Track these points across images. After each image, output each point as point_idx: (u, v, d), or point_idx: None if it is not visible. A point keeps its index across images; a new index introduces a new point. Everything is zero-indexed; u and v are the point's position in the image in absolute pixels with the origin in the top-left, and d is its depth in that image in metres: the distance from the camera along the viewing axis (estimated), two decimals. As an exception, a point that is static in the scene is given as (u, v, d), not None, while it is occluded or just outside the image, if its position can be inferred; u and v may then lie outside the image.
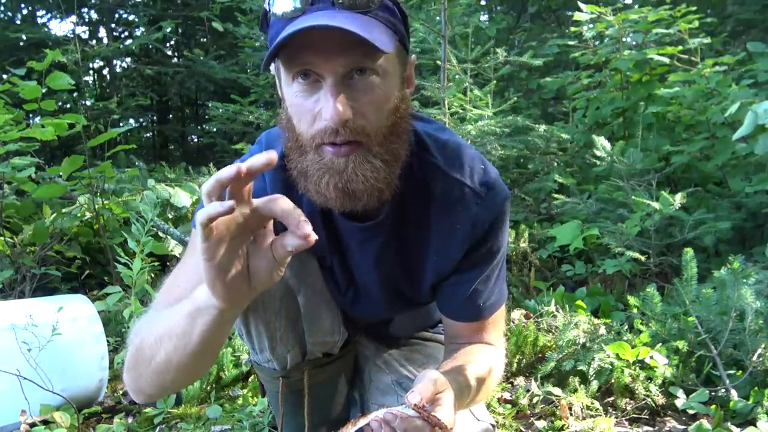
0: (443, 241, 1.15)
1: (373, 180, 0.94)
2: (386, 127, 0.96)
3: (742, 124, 2.33)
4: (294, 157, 0.98)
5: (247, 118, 4.92)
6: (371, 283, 1.23)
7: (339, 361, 1.40)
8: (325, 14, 0.88)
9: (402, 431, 0.88)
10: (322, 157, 0.93)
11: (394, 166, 0.98)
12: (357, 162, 0.92)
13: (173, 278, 1.18)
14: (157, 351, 0.93)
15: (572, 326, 2.07)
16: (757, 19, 5.39)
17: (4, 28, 6.72)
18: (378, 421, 0.90)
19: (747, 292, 1.90)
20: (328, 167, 0.93)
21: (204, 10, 6.51)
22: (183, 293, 1.04)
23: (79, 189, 3.08)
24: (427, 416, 0.89)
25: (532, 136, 3.73)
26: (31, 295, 2.73)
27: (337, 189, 0.94)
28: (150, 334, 0.96)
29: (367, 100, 0.92)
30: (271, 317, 1.22)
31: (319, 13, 0.88)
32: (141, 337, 0.98)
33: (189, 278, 1.10)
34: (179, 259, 1.22)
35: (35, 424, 1.77)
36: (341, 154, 0.92)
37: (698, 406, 1.83)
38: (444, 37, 3.27)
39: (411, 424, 0.88)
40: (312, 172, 0.95)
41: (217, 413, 1.92)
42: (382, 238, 1.13)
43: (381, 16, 0.92)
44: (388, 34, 0.92)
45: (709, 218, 2.76)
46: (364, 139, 0.93)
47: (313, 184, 0.95)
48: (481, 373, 1.14)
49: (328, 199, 0.96)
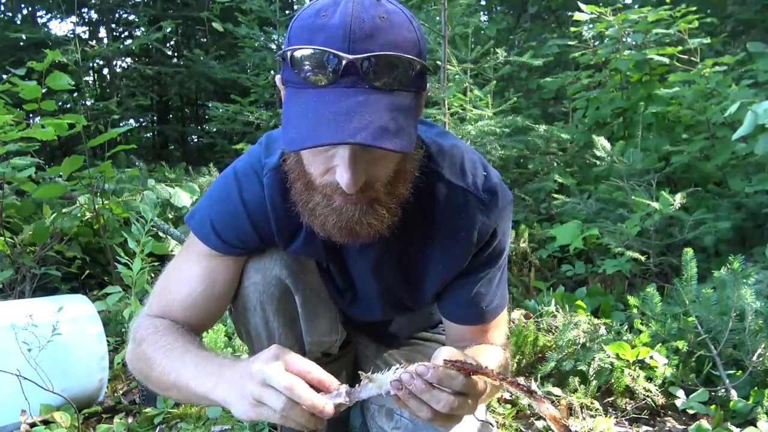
0: (447, 249, 1.15)
1: (377, 226, 0.99)
2: (394, 176, 0.97)
3: (742, 124, 2.33)
4: (300, 189, 0.99)
5: (247, 118, 4.92)
6: (369, 288, 1.23)
7: (338, 361, 1.40)
8: (354, 93, 0.86)
9: (436, 380, 0.88)
10: (331, 202, 0.96)
11: (397, 207, 1.01)
12: (364, 210, 0.96)
13: (166, 281, 1.21)
14: (164, 386, 1.11)
15: (572, 326, 2.07)
16: (757, 19, 5.39)
17: (4, 28, 6.71)
18: (410, 373, 0.89)
19: (747, 292, 1.90)
20: (336, 212, 0.96)
21: (204, 10, 6.51)
22: (175, 303, 1.18)
23: (79, 189, 3.08)
24: (461, 365, 0.88)
25: (532, 136, 3.74)
26: (31, 295, 2.73)
27: (341, 230, 0.98)
28: (158, 368, 1.09)
29: (383, 166, 0.94)
30: (270, 317, 1.23)
31: (347, 90, 0.87)
32: (147, 358, 1.12)
33: (180, 288, 1.18)
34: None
35: (35, 424, 1.77)
36: (350, 201, 0.95)
37: (698, 406, 1.83)
38: (444, 37, 3.27)
39: (446, 373, 0.88)
40: (319, 211, 0.98)
41: (217, 413, 1.92)
42: (383, 244, 1.13)
43: (408, 84, 0.91)
44: (412, 117, 0.91)
45: (709, 218, 2.76)
46: (374, 194, 0.96)
47: (319, 222, 0.99)
48: (492, 360, 1.13)
49: (331, 235, 1.00)
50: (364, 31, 0.86)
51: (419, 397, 0.89)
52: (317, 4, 0.91)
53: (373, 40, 0.87)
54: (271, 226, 1.11)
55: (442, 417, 0.91)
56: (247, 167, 1.12)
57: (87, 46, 6.29)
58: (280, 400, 0.89)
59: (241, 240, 1.13)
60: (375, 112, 0.85)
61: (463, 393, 0.90)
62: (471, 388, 0.90)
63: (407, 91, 0.91)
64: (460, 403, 0.90)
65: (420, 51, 0.93)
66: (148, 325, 1.15)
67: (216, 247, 1.14)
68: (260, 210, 1.10)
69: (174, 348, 1.09)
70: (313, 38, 0.88)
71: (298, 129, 0.86)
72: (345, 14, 0.87)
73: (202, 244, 1.15)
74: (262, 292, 1.20)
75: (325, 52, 0.86)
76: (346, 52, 0.86)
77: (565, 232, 2.99)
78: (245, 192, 1.11)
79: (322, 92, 0.88)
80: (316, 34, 0.88)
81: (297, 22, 0.92)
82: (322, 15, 0.88)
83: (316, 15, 0.89)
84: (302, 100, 0.89)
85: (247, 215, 1.11)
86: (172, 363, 1.07)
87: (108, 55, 6.55)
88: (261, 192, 1.10)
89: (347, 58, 0.85)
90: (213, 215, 1.13)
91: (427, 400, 0.89)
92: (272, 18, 5.10)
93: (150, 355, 1.10)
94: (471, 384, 0.90)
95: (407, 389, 0.89)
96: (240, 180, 1.12)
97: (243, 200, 1.11)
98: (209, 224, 1.13)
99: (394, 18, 0.90)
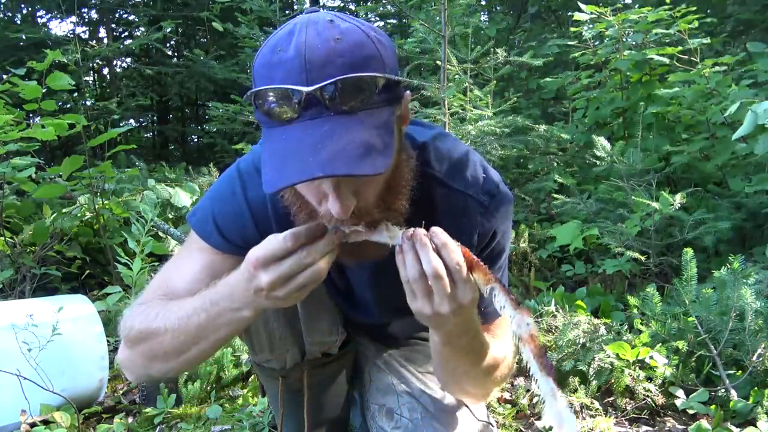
0: None
1: (372, 244, 0.97)
2: (387, 191, 0.97)
3: (742, 124, 2.33)
4: (304, 219, 0.98)
5: (248, 118, 4.92)
6: (367, 295, 1.24)
7: (338, 361, 1.40)
8: (318, 124, 0.85)
9: (440, 243, 0.89)
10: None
11: (399, 221, 1.00)
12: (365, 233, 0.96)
13: (164, 277, 1.20)
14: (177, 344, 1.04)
15: (572, 326, 2.07)
16: (757, 19, 5.39)
17: (4, 28, 6.72)
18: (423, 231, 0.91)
19: (747, 292, 1.90)
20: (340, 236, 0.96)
21: (204, 10, 6.51)
22: (172, 297, 1.12)
23: (79, 189, 3.08)
24: (470, 258, 0.91)
25: (532, 136, 3.73)
26: (31, 295, 2.73)
27: (348, 254, 0.99)
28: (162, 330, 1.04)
29: (372, 186, 0.94)
30: (270, 318, 1.23)
31: (312, 123, 0.85)
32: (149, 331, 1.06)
33: (178, 283, 1.15)
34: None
35: (35, 424, 1.77)
36: (344, 223, 0.94)
37: (698, 406, 1.83)
38: (444, 37, 3.27)
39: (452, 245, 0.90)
40: None
41: (217, 413, 1.92)
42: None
43: (375, 101, 0.88)
44: (387, 132, 0.89)
45: (709, 218, 2.76)
46: (371, 217, 0.95)
47: None
48: (493, 351, 1.13)
49: (339, 257, 0.99)
50: (320, 58, 0.84)
51: (417, 254, 0.89)
52: (274, 39, 0.90)
53: (331, 65, 0.84)
54: (272, 227, 1.11)
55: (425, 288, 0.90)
56: (250, 167, 1.12)
57: (87, 46, 6.29)
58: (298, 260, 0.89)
59: (244, 239, 1.13)
60: (343, 138, 0.84)
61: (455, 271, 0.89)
62: (464, 277, 0.90)
63: (377, 107, 0.89)
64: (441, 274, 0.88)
65: (383, 65, 0.89)
66: (138, 310, 1.12)
67: (217, 244, 1.13)
68: (263, 210, 1.11)
69: (167, 306, 1.07)
70: (272, 76, 0.86)
71: (270, 169, 0.86)
72: (299, 45, 0.85)
73: (203, 241, 1.14)
74: None
75: (283, 89, 0.85)
76: (303, 84, 0.84)
77: (565, 232, 2.99)
78: (249, 191, 1.11)
79: (289, 128, 0.87)
80: (274, 71, 0.86)
81: (258, 60, 0.91)
82: (278, 50, 0.87)
83: (272, 51, 0.88)
84: (272, 139, 0.89)
85: (251, 215, 1.11)
86: (170, 314, 1.04)
87: (108, 55, 6.55)
88: (264, 192, 1.10)
89: (306, 91, 0.84)
90: (216, 213, 1.13)
91: (421, 257, 0.89)
92: (272, 18, 5.10)
93: (146, 326, 1.06)
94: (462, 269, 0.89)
95: (412, 242, 0.89)
96: (244, 179, 1.12)
97: (247, 199, 1.11)
98: (212, 222, 1.12)
99: (349, 37, 0.87)
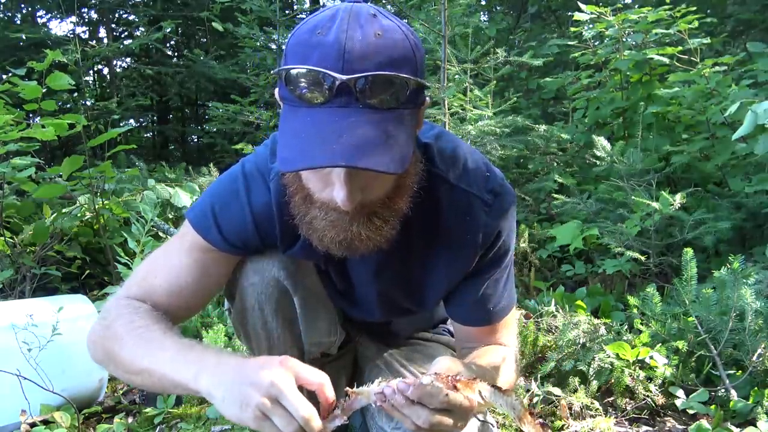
0: (453, 252, 1.14)
1: (375, 240, 0.98)
2: (393, 191, 0.97)
3: (742, 124, 2.32)
4: (298, 203, 0.99)
5: (248, 118, 4.93)
6: (369, 292, 1.23)
7: (338, 361, 1.40)
8: (346, 114, 0.85)
9: (416, 397, 0.88)
10: (329, 216, 0.96)
11: (395, 221, 1.00)
12: (361, 223, 0.95)
13: (151, 267, 1.18)
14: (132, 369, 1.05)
15: (572, 326, 2.07)
16: (757, 19, 5.39)
17: (4, 28, 6.71)
18: (392, 388, 0.90)
19: (747, 292, 1.90)
20: (334, 225, 0.96)
21: (204, 10, 6.50)
22: (159, 289, 1.14)
23: (79, 189, 3.08)
24: (451, 380, 0.89)
25: (532, 136, 3.73)
26: (31, 295, 2.73)
27: (339, 244, 0.98)
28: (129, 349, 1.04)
29: (380, 183, 0.94)
30: (268, 318, 1.23)
31: (339, 111, 0.86)
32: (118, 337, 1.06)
33: (167, 275, 1.15)
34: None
35: (35, 424, 1.77)
36: (347, 216, 0.94)
37: (698, 406, 1.83)
38: (444, 37, 3.27)
39: (425, 391, 0.88)
40: (317, 225, 0.97)
41: (217, 413, 1.92)
42: (386, 250, 1.12)
43: (402, 102, 0.89)
44: (408, 135, 0.89)
45: (709, 218, 2.76)
46: (372, 207, 0.95)
47: (317, 236, 0.99)
48: (494, 362, 1.13)
49: (329, 248, 1.00)
50: (359, 49, 0.85)
51: (401, 411, 0.90)
52: (314, 20, 0.90)
53: (368, 59, 0.85)
54: (274, 229, 1.11)
55: (425, 431, 0.91)
56: (254, 169, 1.12)
57: (87, 46, 6.28)
58: (291, 426, 0.87)
59: (242, 240, 1.13)
60: (368, 132, 0.84)
61: (446, 410, 0.90)
62: (454, 405, 0.89)
63: (403, 108, 0.89)
64: (441, 420, 0.90)
65: (416, 68, 0.91)
66: (126, 305, 1.11)
67: (215, 241, 1.13)
68: (265, 213, 1.10)
69: (152, 331, 1.05)
70: (308, 56, 0.86)
71: (291, 149, 0.86)
72: (340, 31, 0.85)
73: (199, 236, 1.13)
74: (260, 293, 1.19)
75: (318, 72, 0.85)
76: (339, 72, 0.84)
77: (565, 232, 2.99)
78: (253, 194, 1.10)
79: (315, 112, 0.87)
80: (310, 52, 0.86)
81: (294, 37, 0.91)
82: (318, 32, 0.87)
83: (311, 32, 0.88)
84: (296, 119, 0.89)
85: (252, 217, 1.11)
86: (147, 346, 1.02)
87: (108, 55, 6.55)
88: (267, 195, 1.09)
89: (341, 79, 0.84)
90: (217, 211, 1.12)
91: (408, 415, 0.90)
92: (272, 18, 5.10)
93: (122, 334, 1.05)
94: (454, 402, 0.89)
95: (390, 402, 0.90)
96: (248, 181, 1.11)
97: (250, 201, 1.10)
98: (212, 219, 1.12)
99: (390, 35, 0.88)
